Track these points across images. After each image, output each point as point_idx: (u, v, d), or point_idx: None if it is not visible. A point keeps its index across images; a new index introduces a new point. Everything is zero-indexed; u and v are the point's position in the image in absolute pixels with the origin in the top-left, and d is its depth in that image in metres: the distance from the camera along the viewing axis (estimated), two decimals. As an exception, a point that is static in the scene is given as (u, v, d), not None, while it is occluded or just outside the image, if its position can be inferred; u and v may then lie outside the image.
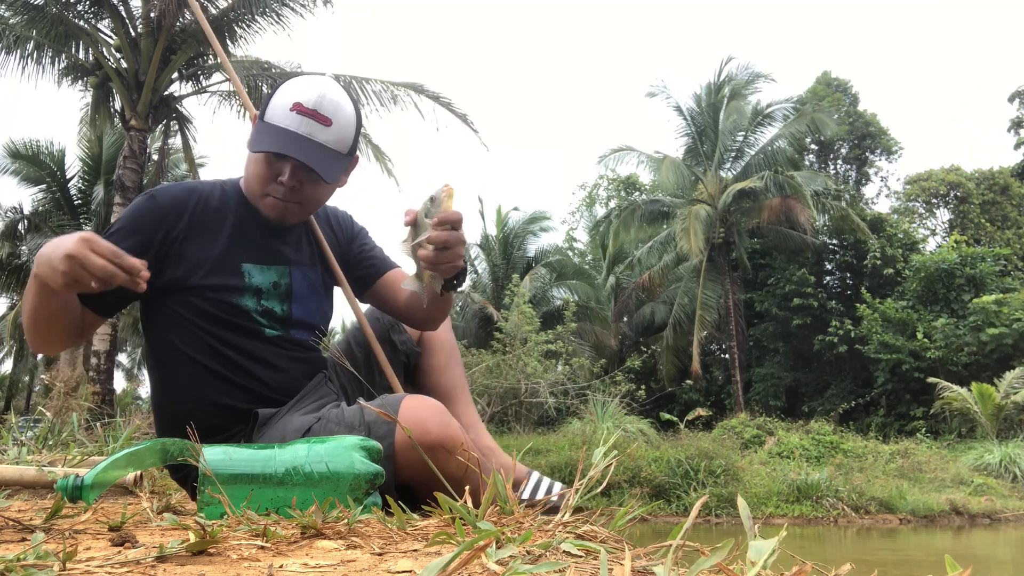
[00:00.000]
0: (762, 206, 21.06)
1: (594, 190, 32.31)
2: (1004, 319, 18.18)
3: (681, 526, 0.69)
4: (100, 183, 16.96)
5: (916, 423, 18.61)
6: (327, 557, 0.80)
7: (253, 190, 1.65)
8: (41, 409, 5.31)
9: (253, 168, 1.63)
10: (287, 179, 1.58)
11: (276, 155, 1.58)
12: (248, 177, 1.66)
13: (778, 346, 22.66)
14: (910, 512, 11.65)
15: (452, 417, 1.43)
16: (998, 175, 26.94)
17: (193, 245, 1.61)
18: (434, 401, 1.45)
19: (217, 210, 1.67)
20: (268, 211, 1.64)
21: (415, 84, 12.70)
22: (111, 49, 12.49)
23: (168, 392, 1.65)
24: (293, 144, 1.55)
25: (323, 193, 1.66)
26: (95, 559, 0.76)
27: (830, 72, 28.51)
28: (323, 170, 1.57)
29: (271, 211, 1.63)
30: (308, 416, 1.54)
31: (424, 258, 1.44)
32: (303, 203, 1.64)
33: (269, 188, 1.61)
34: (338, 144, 1.61)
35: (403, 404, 1.41)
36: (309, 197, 1.64)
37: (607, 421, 14.39)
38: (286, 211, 1.63)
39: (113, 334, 11.68)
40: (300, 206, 1.64)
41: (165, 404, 1.66)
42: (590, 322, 21.34)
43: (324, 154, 1.58)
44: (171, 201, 1.62)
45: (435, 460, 1.30)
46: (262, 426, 1.57)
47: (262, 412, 1.58)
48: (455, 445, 1.35)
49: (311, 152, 1.56)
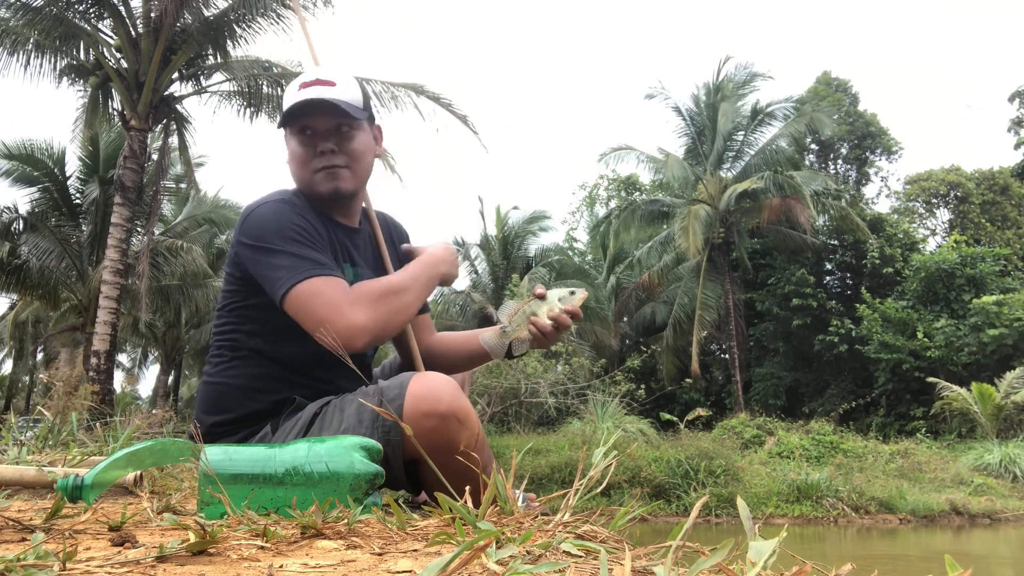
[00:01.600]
0: (762, 206, 21.06)
1: (594, 190, 32.33)
2: (1004, 319, 18.19)
3: (681, 526, 0.69)
4: (95, 182, 16.94)
5: (916, 423, 18.61)
6: (327, 557, 0.80)
7: (304, 177, 1.70)
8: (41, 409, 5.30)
9: (294, 157, 1.70)
10: (323, 144, 1.65)
11: (303, 132, 1.67)
12: (295, 172, 1.72)
13: (778, 346, 22.67)
14: (910, 512, 11.65)
15: (462, 391, 1.48)
16: (998, 175, 26.94)
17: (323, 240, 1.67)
18: (444, 375, 1.48)
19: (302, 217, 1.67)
20: (323, 186, 1.68)
21: (415, 85, 12.70)
22: (111, 49, 12.49)
23: (232, 378, 1.66)
24: (308, 104, 1.64)
25: (362, 148, 1.71)
26: (95, 559, 0.76)
27: (830, 72, 28.53)
28: (345, 108, 1.64)
29: (326, 184, 1.68)
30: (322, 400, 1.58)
31: (540, 327, 1.65)
32: (349, 164, 1.69)
33: (314, 163, 1.67)
34: (350, 98, 1.69)
35: (414, 377, 1.45)
36: (352, 154, 1.69)
37: (607, 421, 14.39)
38: (338, 176, 1.68)
39: (113, 334, 11.67)
40: (349, 169, 1.69)
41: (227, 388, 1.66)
42: (590, 322, 21.35)
43: (340, 103, 1.65)
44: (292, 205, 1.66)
45: (446, 431, 1.36)
46: (295, 411, 1.60)
47: (298, 398, 1.61)
48: (466, 416, 1.39)
49: (327, 102, 1.64)
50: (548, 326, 1.63)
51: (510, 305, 1.68)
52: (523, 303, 1.66)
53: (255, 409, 1.63)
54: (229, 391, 1.65)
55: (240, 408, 1.63)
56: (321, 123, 1.67)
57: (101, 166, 16.93)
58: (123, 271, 11.87)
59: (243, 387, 1.64)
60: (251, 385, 1.64)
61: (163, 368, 26.77)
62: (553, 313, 1.64)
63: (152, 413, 9.75)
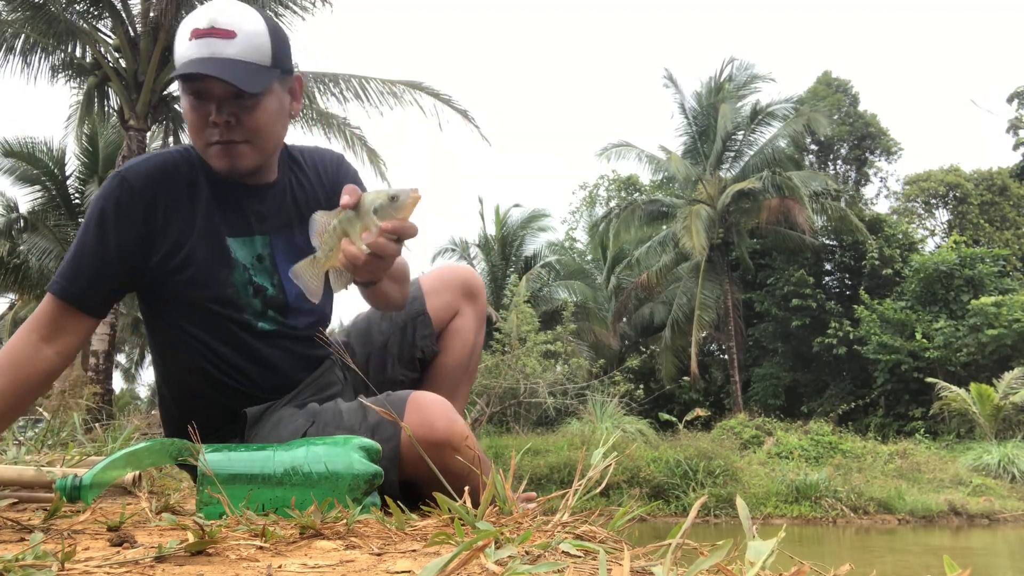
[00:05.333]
0: (761, 206, 21.10)
1: (594, 190, 32.34)
2: (1003, 320, 18.22)
3: (680, 526, 0.69)
4: (95, 182, 16.94)
5: (915, 424, 18.63)
6: (326, 557, 0.80)
7: (198, 145, 1.44)
8: (41, 410, 5.30)
9: (189, 122, 1.42)
10: (217, 115, 1.36)
11: (197, 95, 1.38)
12: (189, 133, 1.45)
13: (777, 346, 22.69)
14: (909, 512, 11.67)
15: (457, 414, 1.39)
16: (996, 176, 26.97)
17: (174, 226, 1.45)
18: (440, 398, 1.39)
19: (189, 180, 1.48)
20: (217, 162, 1.42)
21: (414, 82, 12.70)
22: (110, 49, 12.49)
23: (164, 386, 1.57)
24: (196, 67, 1.34)
25: (267, 120, 1.41)
26: (94, 559, 0.76)
27: (831, 72, 28.54)
28: (241, 81, 1.34)
29: (220, 161, 1.41)
30: (301, 420, 1.45)
31: (349, 256, 1.17)
32: (250, 139, 1.41)
33: (207, 135, 1.40)
34: (253, 55, 1.38)
35: (409, 401, 1.35)
36: (252, 128, 1.39)
37: (606, 421, 14.41)
38: (235, 154, 1.40)
39: (112, 334, 11.67)
40: (249, 144, 1.41)
41: (164, 399, 1.60)
42: (589, 322, 21.35)
43: (237, 67, 1.35)
44: (145, 180, 1.44)
45: (440, 458, 1.27)
46: (253, 425, 1.48)
47: (250, 412, 1.49)
48: (460, 443, 1.31)
49: (220, 68, 1.34)
50: (360, 255, 1.17)
51: (318, 220, 1.21)
52: (333, 215, 1.18)
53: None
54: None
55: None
56: (216, 89, 1.36)
57: (100, 166, 16.92)
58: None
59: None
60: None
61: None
62: (369, 236, 1.16)
63: (151, 413, 9.75)
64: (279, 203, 1.53)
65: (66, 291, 1.41)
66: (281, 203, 1.54)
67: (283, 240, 1.52)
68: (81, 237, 1.44)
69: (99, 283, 1.43)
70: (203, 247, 1.46)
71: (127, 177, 1.44)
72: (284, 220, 1.53)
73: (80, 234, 1.44)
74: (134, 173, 1.45)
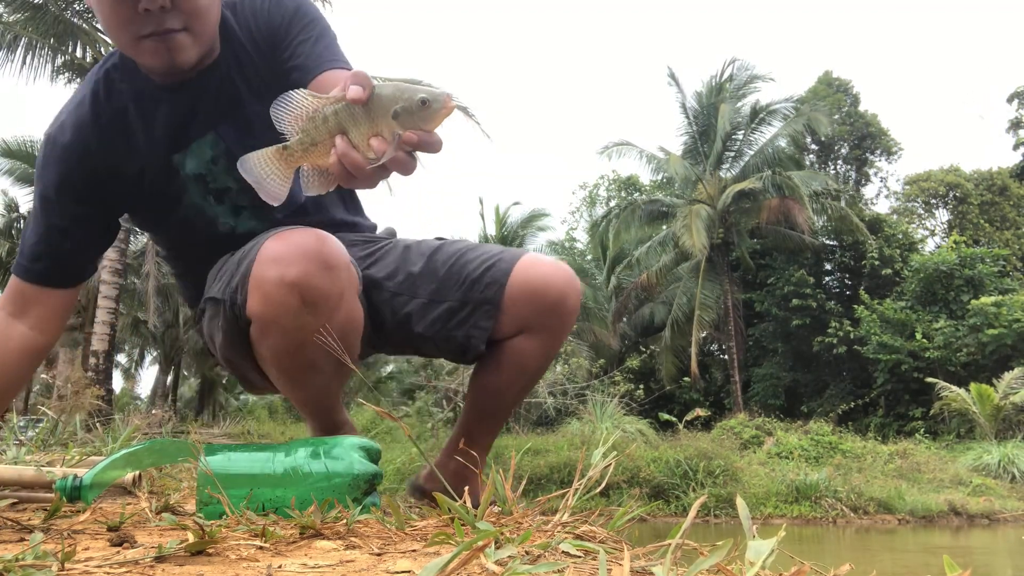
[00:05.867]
0: (761, 206, 21.10)
1: (594, 190, 32.34)
2: (1003, 320, 18.22)
3: (680, 526, 0.69)
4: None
5: (915, 423, 18.63)
6: (326, 557, 0.80)
7: (124, 45, 1.19)
8: (43, 409, 5.30)
9: (106, 15, 1.15)
10: (149, 0, 1.10)
11: None
12: (110, 34, 1.18)
13: (777, 346, 22.69)
14: (909, 513, 11.67)
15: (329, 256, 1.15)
16: (996, 176, 26.99)
17: (117, 166, 1.30)
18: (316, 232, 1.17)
19: (115, 106, 1.29)
20: (152, 59, 1.18)
21: (413, 80, 12.72)
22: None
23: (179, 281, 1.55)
24: None
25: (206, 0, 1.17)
26: (94, 559, 0.76)
27: (832, 72, 28.55)
28: None
29: (155, 57, 1.17)
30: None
31: (350, 162, 0.86)
32: (188, 25, 1.16)
33: (136, 26, 1.14)
34: None
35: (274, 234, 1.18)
36: (188, 11, 1.15)
37: (606, 421, 14.40)
38: (173, 46, 1.16)
39: (111, 334, 11.67)
40: (188, 32, 1.16)
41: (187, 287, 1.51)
42: (589, 322, 21.35)
43: None
44: (73, 131, 1.28)
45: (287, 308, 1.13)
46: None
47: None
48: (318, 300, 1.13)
49: None
50: (364, 165, 0.86)
51: (297, 101, 0.89)
52: (326, 101, 0.88)
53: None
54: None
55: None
56: None
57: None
58: (122, 271, 11.88)
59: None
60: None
61: (162, 368, 26.77)
62: (380, 143, 0.86)
63: (151, 413, 9.76)
64: (218, 87, 1.29)
65: (27, 271, 1.33)
66: (220, 85, 1.29)
67: (232, 127, 1.31)
68: (32, 213, 1.35)
69: (60, 258, 1.34)
70: (150, 177, 1.31)
71: (53, 136, 1.30)
72: (228, 103, 1.30)
73: (32, 210, 1.36)
74: (59, 129, 1.31)
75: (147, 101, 1.28)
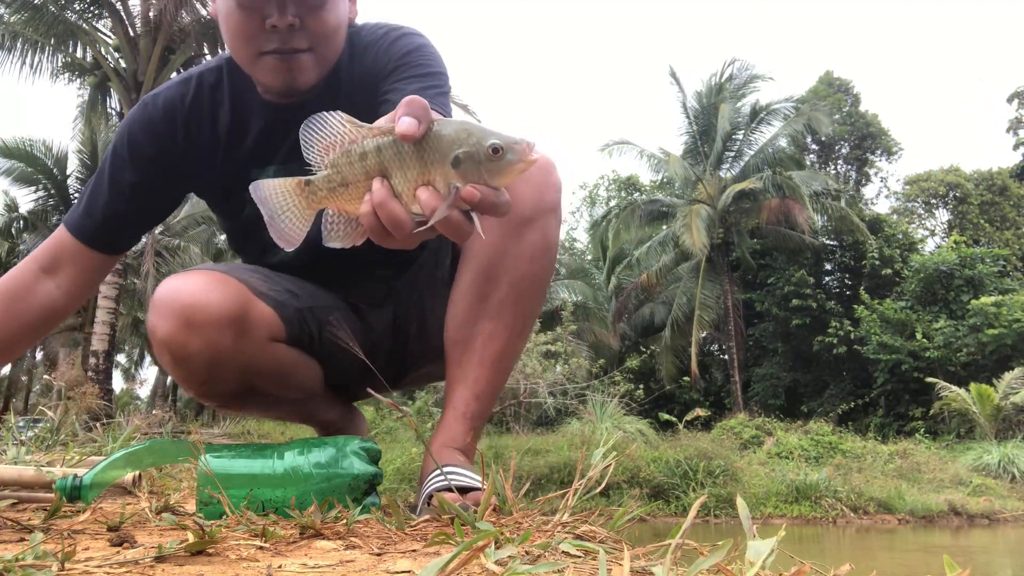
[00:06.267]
0: (761, 206, 21.10)
1: (594, 190, 32.35)
2: (1003, 320, 18.23)
3: (680, 526, 0.69)
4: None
5: (915, 423, 18.63)
6: (326, 557, 0.80)
7: (243, 57, 1.19)
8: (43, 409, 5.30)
9: (232, 27, 1.16)
10: (279, 17, 1.10)
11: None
12: (231, 43, 1.19)
13: (777, 346, 22.70)
14: (909, 513, 11.67)
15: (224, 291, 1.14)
16: (996, 176, 26.99)
17: (194, 155, 1.31)
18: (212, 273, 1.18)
19: (215, 99, 1.29)
20: (272, 78, 1.17)
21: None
22: (110, 48, 12.50)
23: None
24: None
25: (335, 23, 1.17)
26: (94, 559, 0.76)
27: (832, 72, 28.56)
28: None
29: (276, 75, 1.16)
30: None
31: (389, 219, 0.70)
32: (313, 45, 1.15)
33: (260, 43, 1.14)
34: None
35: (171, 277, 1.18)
36: (316, 32, 1.14)
37: (606, 421, 14.40)
38: (296, 67, 1.15)
39: (111, 334, 11.68)
40: (312, 53, 1.16)
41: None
42: (589, 322, 21.35)
43: None
44: (165, 105, 1.29)
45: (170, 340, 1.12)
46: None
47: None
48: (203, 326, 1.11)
49: None
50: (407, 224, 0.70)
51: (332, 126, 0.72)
52: (369, 132, 0.71)
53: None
54: None
55: None
56: None
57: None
58: (122, 271, 11.89)
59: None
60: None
61: (162, 368, 26.77)
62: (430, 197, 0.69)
63: (151, 413, 9.76)
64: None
65: (76, 225, 1.32)
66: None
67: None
68: (99, 169, 1.34)
69: (113, 220, 1.33)
70: (223, 180, 1.33)
71: (146, 101, 1.32)
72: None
73: (100, 166, 1.35)
74: (154, 96, 1.32)
75: (246, 109, 1.28)
